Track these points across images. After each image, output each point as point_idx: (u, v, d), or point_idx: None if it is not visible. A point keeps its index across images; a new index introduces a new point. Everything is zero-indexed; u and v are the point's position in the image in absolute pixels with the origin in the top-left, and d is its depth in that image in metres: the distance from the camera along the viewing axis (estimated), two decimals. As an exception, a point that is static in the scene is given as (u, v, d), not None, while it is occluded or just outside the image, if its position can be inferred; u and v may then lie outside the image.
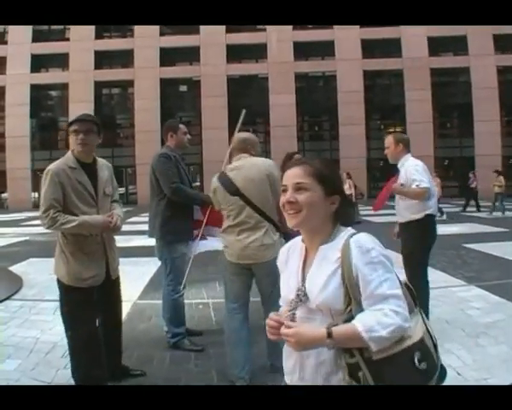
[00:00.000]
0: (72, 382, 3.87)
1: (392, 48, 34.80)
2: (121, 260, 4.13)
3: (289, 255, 2.00)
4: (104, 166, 4.01)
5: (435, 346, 1.79)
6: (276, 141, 33.50)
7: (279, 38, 34.87)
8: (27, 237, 15.33)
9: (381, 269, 1.72)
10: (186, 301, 5.28)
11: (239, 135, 4.37)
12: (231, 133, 4.65)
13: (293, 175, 1.86)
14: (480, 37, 33.18)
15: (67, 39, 35.85)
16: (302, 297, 1.82)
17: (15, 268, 9.19)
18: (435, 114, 34.63)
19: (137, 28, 35.05)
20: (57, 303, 6.43)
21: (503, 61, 34.16)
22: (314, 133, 39.26)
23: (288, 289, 1.92)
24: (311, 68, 36.81)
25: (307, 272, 1.86)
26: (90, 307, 3.77)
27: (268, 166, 4.10)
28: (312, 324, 1.77)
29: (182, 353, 4.74)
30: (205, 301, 6.67)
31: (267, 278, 3.99)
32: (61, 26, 36.12)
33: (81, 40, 34.64)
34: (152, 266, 9.25)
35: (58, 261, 3.75)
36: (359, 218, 17.24)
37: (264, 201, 3.99)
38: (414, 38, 33.85)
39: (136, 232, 16.04)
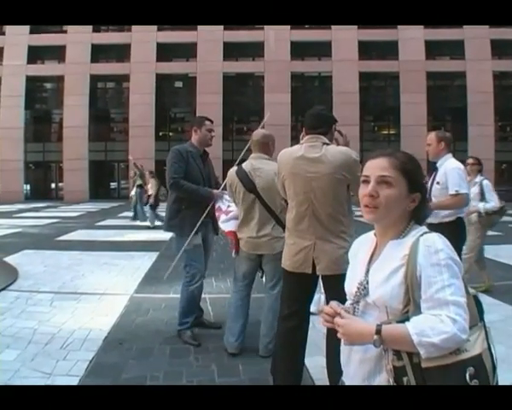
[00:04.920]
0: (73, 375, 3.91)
1: (389, 50, 34.88)
2: (116, 254, 4.12)
3: (359, 248, 1.93)
4: None
5: (494, 368, 1.63)
6: (270, 139, 33.37)
7: (276, 37, 34.86)
8: (20, 229, 15.24)
9: (446, 273, 1.60)
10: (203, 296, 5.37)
11: (260, 132, 4.60)
12: (225, 130, 4.81)
13: (378, 166, 1.74)
14: (477, 41, 33.39)
15: (65, 32, 35.62)
16: (362, 291, 1.77)
17: (10, 259, 9.13)
18: (429, 117, 34.67)
19: (134, 22, 34.88)
20: (53, 295, 6.53)
21: (500, 67, 34.40)
22: (308, 133, 39.21)
23: (351, 281, 1.86)
24: (307, 68, 36.87)
25: (372, 266, 1.79)
26: None
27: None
28: (368, 320, 1.70)
29: (183, 346, 4.72)
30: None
31: (273, 263, 4.31)
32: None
33: (78, 33, 34.41)
34: (146, 260, 9.32)
35: None
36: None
37: (275, 201, 4.26)
38: (411, 40, 34.00)
39: (128, 227, 16.11)
